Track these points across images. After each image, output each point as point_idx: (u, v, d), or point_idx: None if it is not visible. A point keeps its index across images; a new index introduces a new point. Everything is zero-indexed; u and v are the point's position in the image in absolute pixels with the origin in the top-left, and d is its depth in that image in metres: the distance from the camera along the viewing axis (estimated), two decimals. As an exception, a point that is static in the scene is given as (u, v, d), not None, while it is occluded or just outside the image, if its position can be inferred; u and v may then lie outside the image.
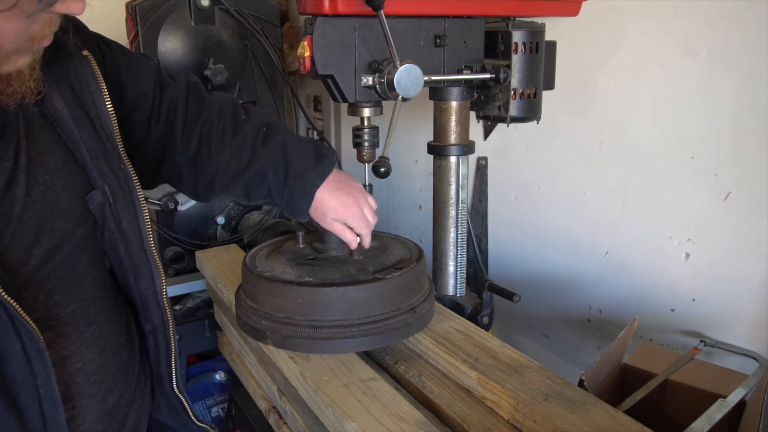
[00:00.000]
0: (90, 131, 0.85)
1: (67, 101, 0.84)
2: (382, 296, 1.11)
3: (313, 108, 2.69)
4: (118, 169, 0.88)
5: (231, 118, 1.09)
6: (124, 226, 0.88)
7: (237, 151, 1.05)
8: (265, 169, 1.06)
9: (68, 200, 0.83)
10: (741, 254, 1.29)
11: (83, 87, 0.87)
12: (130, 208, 0.89)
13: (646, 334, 1.48)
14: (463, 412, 1.01)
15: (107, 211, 0.86)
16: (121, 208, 0.87)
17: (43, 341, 0.75)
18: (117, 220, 0.87)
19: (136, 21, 1.77)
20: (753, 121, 1.23)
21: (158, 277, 0.93)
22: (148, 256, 0.91)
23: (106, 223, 0.87)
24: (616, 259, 1.55)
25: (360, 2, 1.05)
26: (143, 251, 0.91)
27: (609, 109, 1.50)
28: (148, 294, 0.93)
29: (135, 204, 0.89)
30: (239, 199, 1.12)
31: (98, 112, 0.87)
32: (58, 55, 0.85)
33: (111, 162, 0.87)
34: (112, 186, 0.86)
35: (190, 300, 1.89)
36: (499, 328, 1.80)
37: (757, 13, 1.19)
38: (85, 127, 0.85)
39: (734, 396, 1.10)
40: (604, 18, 1.46)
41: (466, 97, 1.32)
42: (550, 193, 1.70)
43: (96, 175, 0.85)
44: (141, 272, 0.91)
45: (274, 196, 1.08)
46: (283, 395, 1.26)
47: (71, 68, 0.86)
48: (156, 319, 0.95)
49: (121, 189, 0.88)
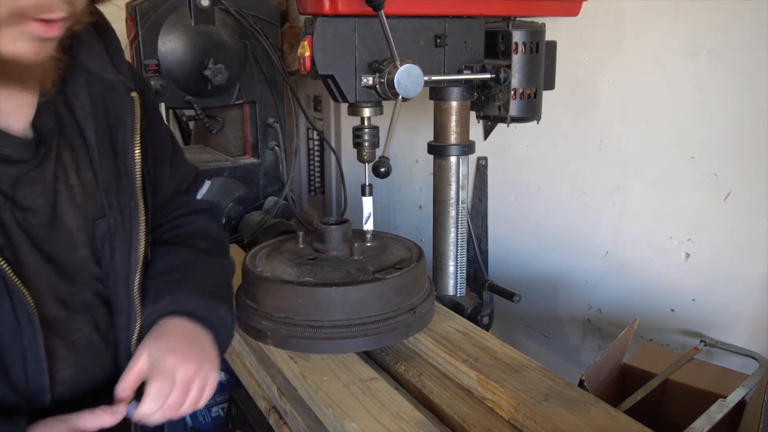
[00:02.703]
0: (110, 163, 0.87)
1: (99, 131, 0.86)
2: (382, 296, 1.11)
3: (313, 108, 2.69)
4: (126, 206, 0.88)
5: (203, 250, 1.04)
6: (116, 258, 0.87)
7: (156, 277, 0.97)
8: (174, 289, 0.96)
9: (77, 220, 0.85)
10: (741, 254, 1.29)
11: (119, 123, 0.88)
12: (125, 245, 0.88)
13: (646, 334, 1.48)
14: (463, 412, 1.01)
15: (106, 242, 0.87)
16: (117, 242, 0.87)
17: (32, 305, 0.77)
18: (112, 252, 0.87)
19: (136, 21, 1.77)
20: (753, 121, 1.23)
21: (133, 322, 0.90)
22: (129, 296, 0.89)
23: (104, 254, 0.87)
24: (616, 259, 1.55)
25: (360, 2, 1.05)
26: (126, 289, 0.89)
27: (609, 109, 1.50)
28: (122, 335, 0.90)
29: (132, 242, 0.89)
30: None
31: (125, 149, 0.88)
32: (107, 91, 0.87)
33: (121, 197, 0.88)
34: (116, 219, 0.87)
35: (190, 300, 1.89)
36: (499, 328, 1.80)
37: (757, 13, 1.19)
38: (106, 159, 0.86)
39: (734, 396, 1.10)
40: (604, 18, 1.46)
41: (466, 97, 1.32)
42: (550, 193, 1.70)
43: (105, 204, 0.86)
44: (120, 311, 0.89)
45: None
46: (283, 395, 1.26)
47: (113, 102, 0.88)
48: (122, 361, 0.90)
49: (123, 224, 0.88)
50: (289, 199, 2.15)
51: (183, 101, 1.90)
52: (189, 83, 1.87)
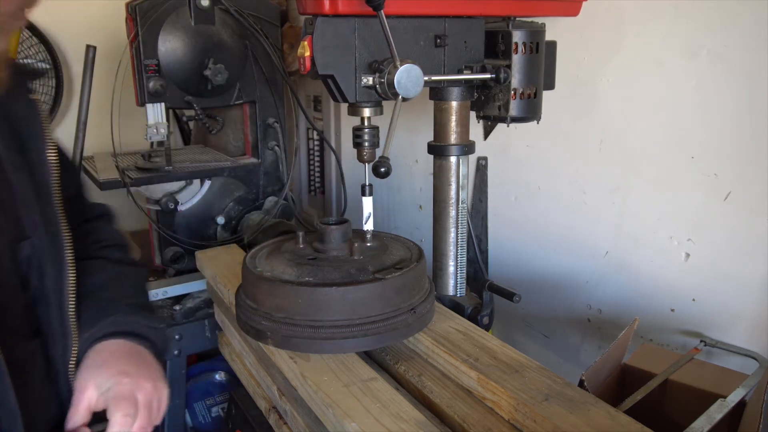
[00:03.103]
0: (26, 177, 0.80)
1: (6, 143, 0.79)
2: (382, 296, 1.11)
3: (313, 108, 2.69)
4: (50, 223, 0.82)
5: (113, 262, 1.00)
6: (47, 283, 0.81)
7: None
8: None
9: None
10: (741, 254, 1.29)
11: (27, 131, 0.81)
12: (55, 266, 0.82)
13: (646, 334, 1.48)
14: (463, 412, 1.01)
15: (33, 265, 0.80)
16: (46, 264, 0.81)
17: None
18: (41, 277, 0.81)
19: (136, 21, 1.77)
20: (753, 121, 1.23)
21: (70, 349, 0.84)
22: (64, 321, 0.84)
23: (31, 277, 0.81)
24: (616, 259, 1.55)
25: (360, 2, 1.05)
26: (60, 315, 0.83)
27: (609, 109, 1.50)
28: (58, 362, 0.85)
29: (62, 262, 0.83)
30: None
31: (39, 159, 0.82)
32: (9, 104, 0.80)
33: (45, 213, 0.82)
34: (42, 239, 0.80)
35: (190, 300, 1.89)
36: (499, 328, 1.80)
37: (757, 13, 1.19)
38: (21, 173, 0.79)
39: (734, 396, 1.10)
40: (604, 18, 1.46)
41: (466, 97, 1.32)
42: (550, 193, 1.70)
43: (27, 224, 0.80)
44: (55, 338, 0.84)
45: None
46: (283, 395, 1.26)
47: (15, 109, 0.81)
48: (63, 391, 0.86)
49: (51, 244, 0.82)
50: (289, 199, 2.15)
51: (183, 101, 1.90)
52: (189, 83, 1.87)
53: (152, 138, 1.85)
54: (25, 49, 2.33)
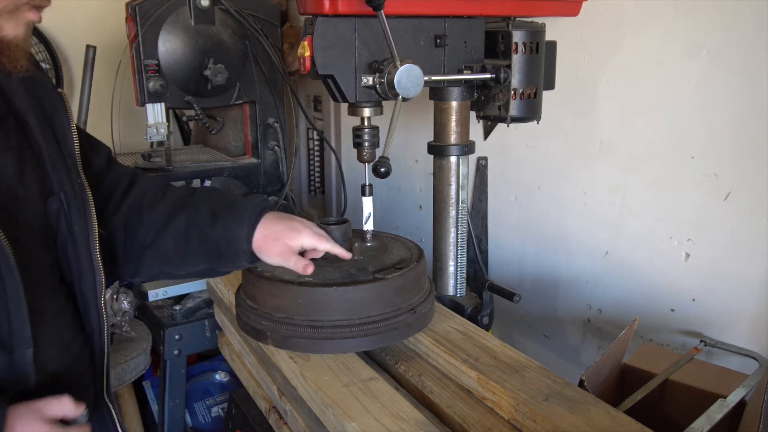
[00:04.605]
0: (54, 147, 0.93)
1: (37, 118, 0.92)
2: (382, 296, 1.11)
3: (313, 108, 2.69)
4: (74, 182, 0.94)
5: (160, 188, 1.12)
6: (75, 229, 0.93)
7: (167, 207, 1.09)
8: (193, 214, 1.07)
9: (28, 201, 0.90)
10: (741, 254, 1.29)
11: (54, 115, 0.95)
12: (81, 215, 0.94)
13: (646, 334, 1.48)
14: (463, 412, 1.01)
15: (62, 216, 0.92)
16: (74, 213, 0.93)
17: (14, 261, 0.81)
18: (69, 225, 0.92)
19: (136, 21, 1.77)
20: (753, 121, 1.23)
21: (99, 281, 0.96)
22: (93, 260, 0.95)
23: (60, 227, 0.92)
24: (616, 259, 1.55)
25: (360, 2, 1.05)
26: (89, 255, 0.94)
27: (609, 109, 1.50)
28: (89, 296, 0.96)
29: (86, 212, 0.94)
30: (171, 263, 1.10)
31: (64, 137, 0.95)
32: (34, 87, 0.94)
33: (70, 174, 0.94)
34: (68, 194, 0.93)
35: (190, 300, 1.89)
36: (499, 328, 1.80)
37: (757, 13, 1.19)
38: (50, 143, 0.93)
39: (734, 396, 1.10)
40: (604, 18, 1.46)
41: (466, 97, 1.32)
42: (550, 193, 1.70)
43: (54, 182, 0.92)
44: (85, 275, 0.95)
45: (208, 239, 1.06)
46: (283, 395, 1.26)
47: (46, 98, 0.95)
48: (93, 321, 0.97)
49: (75, 197, 0.93)
50: (289, 199, 2.15)
51: (183, 101, 1.90)
52: (189, 83, 1.87)
53: (152, 138, 1.85)
54: (25, 49, 2.32)
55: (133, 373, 1.75)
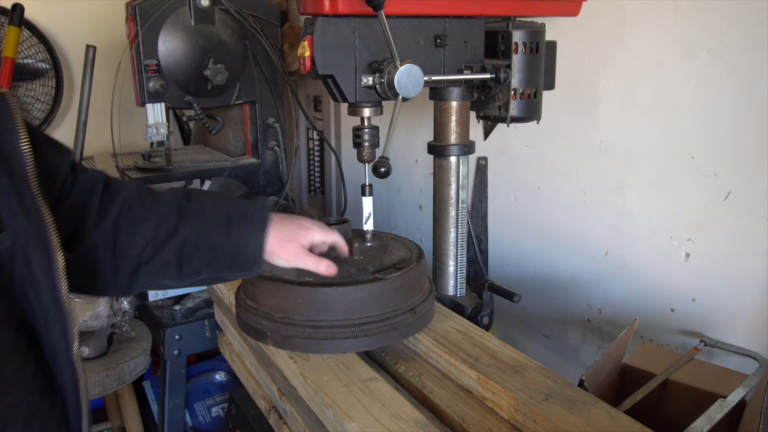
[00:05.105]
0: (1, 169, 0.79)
1: None
2: (382, 296, 1.11)
3: (313, 108, 2.69)
4: (30, 210, 0.80)
5: (147, 193, 1.02)
6: (34, 270, 0.79)
7: (164, 216, 0.98)
8: (201, 224, 0.98)
9: None
10: (741, 254, 1.29)
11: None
12: (42, 251, 0.80)
13: (646, 334, 1.48)
14: (463, 412, 1.01)
15: (17, 254, 0.78)
16: (31, 249, 0.79)
17: None
18: (27, 264, 0.79)
19: (136, 21, 1.77)
20: (753, 121, 1.23)
21: (70, 329, 0.82)
22: (59, 303, 0.81)
23: (15, 266, 0.78)
24: (616, 259, 1.55)
25: (360, 2, 1.05)
26: (54, 296, 0.81)
27: (609, 109, 1.50)
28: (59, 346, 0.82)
29: (48, 247, 0.81)
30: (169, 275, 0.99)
31: (13, 150, 0.80)
32: None
33: (23, 201, 0.80)
34: (23, 226, 0.79)
35: (190, 300, 1.89)
36: (499, 328, 1.80)
37: (757, 13, 1.19)
38: None
39: (734, 396, 1.10)
40: (604, 18, 1.46)
41: (466, 97, 1.32)
42: (550, 193, 1.70)
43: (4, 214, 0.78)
44: (51, 321, 0.81)
45: (219, 248, 0.98)
46: (283, 395, 1.26)
47: None
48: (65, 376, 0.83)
49: (33, 230, 0.80)
50: (289, 199, 2.15)
51: (183, 101, 1.90)
52: (189, 83, 1.87)
53: (152, 138, 1.85)
54: (25, 49, 2.33)
55: (133, 373, 1.76)
